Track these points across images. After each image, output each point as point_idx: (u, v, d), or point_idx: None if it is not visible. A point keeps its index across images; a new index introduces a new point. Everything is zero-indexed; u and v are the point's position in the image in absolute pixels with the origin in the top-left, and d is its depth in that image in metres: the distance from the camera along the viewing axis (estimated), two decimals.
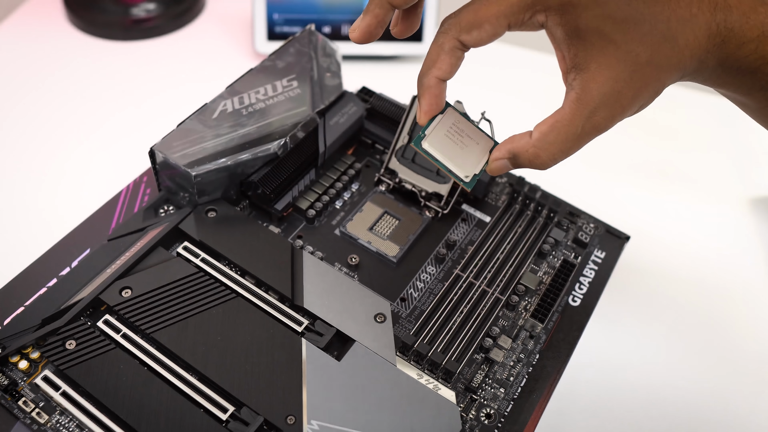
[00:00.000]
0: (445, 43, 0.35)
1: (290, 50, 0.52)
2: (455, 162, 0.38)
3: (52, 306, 0.40)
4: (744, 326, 0.58)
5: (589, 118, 0.35)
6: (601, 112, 0.35)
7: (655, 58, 0.35)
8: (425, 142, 0.38)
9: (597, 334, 0.54)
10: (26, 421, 0.36)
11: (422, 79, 0.37)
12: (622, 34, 0.35)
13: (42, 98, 0.71)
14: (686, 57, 0.36)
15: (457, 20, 0.35)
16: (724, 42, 0.36)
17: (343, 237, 0.47)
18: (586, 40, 0.35)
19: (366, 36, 0.38)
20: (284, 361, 0.39)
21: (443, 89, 0.37)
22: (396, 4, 0.37)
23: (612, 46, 0.35)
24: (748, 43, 0.36)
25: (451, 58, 0.36)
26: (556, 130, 0.35)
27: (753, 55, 0.36)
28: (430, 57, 0.36)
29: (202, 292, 0.41)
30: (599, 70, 0.35)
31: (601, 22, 0.34)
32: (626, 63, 0.35)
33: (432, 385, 0.40)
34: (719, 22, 0.36)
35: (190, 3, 0.80)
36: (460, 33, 0.35)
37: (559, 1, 0.34)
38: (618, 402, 0.53)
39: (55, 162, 0.65)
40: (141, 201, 0.47)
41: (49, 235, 0.46)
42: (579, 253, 0.48)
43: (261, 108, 0.48)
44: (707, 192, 0.67)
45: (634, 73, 0.35)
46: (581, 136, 0.35)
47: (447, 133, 0.39)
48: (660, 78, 0.36)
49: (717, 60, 0.37)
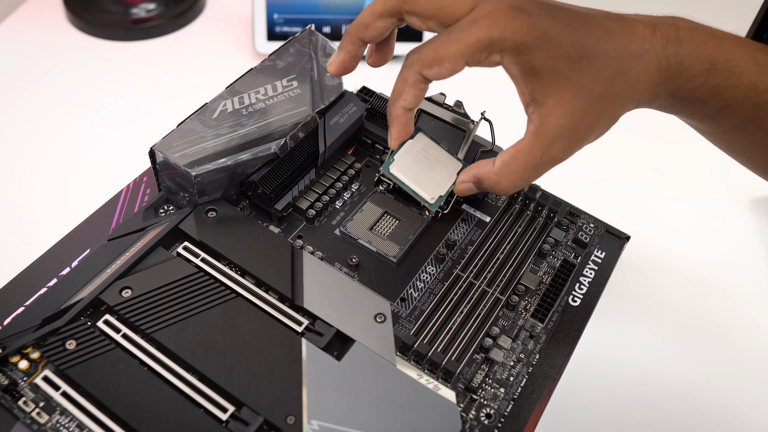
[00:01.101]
0: (409, 77, 0.38)
1: (290, 50, 0.52)
2: (421, 185, 0.41)
3: (52, 306, 0.40)
4: (744, 326, 0.58)
5: (547, 150, 0.37)
6: (558, 144, 0.37)
7: (609, 92, 0.37)
8: (392, 167, 0.41)
9: (597, 334, 0.54)
10: (26, 421, 0.36)
11: (390, 109, 0.40)
12: (576, 71, 0.37)
13: (42, 98, 0.71)
14: (638, 90, 0.38)
15: (419, 56, 0.38)
16: (674, 75, 0.38)
17: (343, 237, 0.47)
18: (542, 78, 0.37)
19: (341, 70, 0.42)
20: (284, 361, 0.39)
21: (410, 117, 0.41)
22: (367, 40, 0.41)
23: (567, 83, 0.37)
24: (698, 76, 0.38)
25: (415, 90, 0.39)
26: (517, 160, 0.38)
27: (702, 87, 0.38)
28: (396, 89, 0.39)
29: (202, 292, 0.41)
30: (556, 105, 0.37)
31: (555, 61, 0.36)
32: (581, 98, 0.37)
33: (432, 385, 0.40)
34: (669, 57, 0.38)
35: (190, 3, 0.80)
36: (422, 68, 0.38)
37: (512, 44, 0.36)
38: (618, 402, 0.53)
39: (55, 162, 0.65)
40: (141, 201, 0.47)
41: (49, 235, 0.46)
42: (579, 253, 0.48)
43: (261, 108, 0.48)
44: (707, 192, 0.67)
45: (589, 106, 0.37)
46: (540, 165, 0.38)
47: (415, 157, 0.42)
48: (614, 110, 0.38)
49: (668, 91, 0.39)
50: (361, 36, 0.40)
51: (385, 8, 0.39)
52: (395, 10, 0.39)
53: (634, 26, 0.38)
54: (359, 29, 0.40)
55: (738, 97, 0.38)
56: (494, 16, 0.36)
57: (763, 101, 0.38)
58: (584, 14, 0.38)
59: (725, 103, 0.39)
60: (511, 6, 0.36)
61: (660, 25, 0.38)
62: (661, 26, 0.38)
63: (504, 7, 0.36)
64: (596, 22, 0.38)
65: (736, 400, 0.53)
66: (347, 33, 0.41)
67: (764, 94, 0.38)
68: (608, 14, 0.39)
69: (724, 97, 0.38)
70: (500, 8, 0.36)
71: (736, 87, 0.38)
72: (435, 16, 0.38)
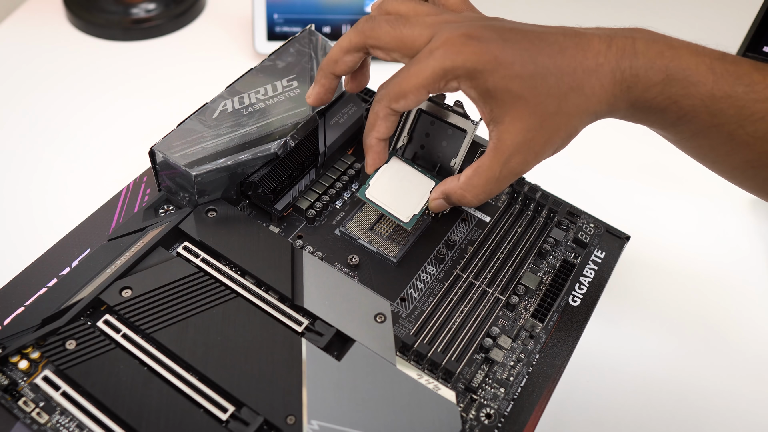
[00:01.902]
0: (379, 111, 0.42)
1: (290, 50, 0.52)
2: (396, 206, 0.44)
3: (52, 306, 0.40)
4: (744, 326, 0.58)
5: (505, 165, 0.40)
6: (515, 158, 0.40)
7: (564, 107, 0.39)
8: (368, 192, 0.45)
9: (597, 334, 0.54)
10: (26, 421, 0.36)
11: (365, 140, 0.45)
12: (530, 90, 0.39)
13: (42, 98, 0.71)
14: (594, 103, 0.40)
15: (387, 92, 0.41)
16: (630, 87, 0.39)
17: (343, 237, 0.47)
18: (498, 98, 0.39)
19: (319, 102, 0.46)
20: (284, 361, 0.39)
21: (384, 146, 0.45)
22: (338, 74, 0.44)
23: (521, 101, 0.39)
24: (654, 86, 0.39)
25: (387, 122, 0.43)
26: (478, 175, 0.41)
27: (660, 96, 0.40)
28: (370, 122, 0.43)
29: (202, 292, 0.41)
30: (512, 123, 0.39)
31: (509, 81, 0.38)
32: (536, 114, 0.39)
33: (432, 385, 0.40)
34: (624, 69, 0.39)
35: (190, 3, 0.80)
36: (390, 103, 0.41)
37: (465, 71, 0.38)
38: (618, 402, 0.53)
39: (55, 162, 0.65)
40: (141, 201, 0.47)
41: (50, 235, 0.46)
42: (579, 253, 0.48)
43: (261, 108, 0.48)
44: (708, 192, 0.67)
45: (544, 122, 0.39)
46: (500, 179, 0.41)
47: (390, 180, 0.45)
48: (570, 124, 0.40)
49: (627, 102, 0.40)
50: (332, 71, 0.44)
51: (350, 44, 0.43)
52: (360, 45, 0.42)
53: (590, 41, 0.39)
54: (330, 64, 0.44)
55: (695, 105, 0.39)
56: (447, 45, 0.39)
57: (721, 108, 0.39)
58: (538, 33, 0.40)
59: (683, 112, 0.40)
60: (462, 34, 0.39)
61: (616, 38, 0.40)
62: (617, 40, 0.40)
63: (455, 36, 0.39)
64: (550, 40, 0.39)
65: (736, 401, 0.53)
66: (320, 68, 0.45)
67: (721, 102, 0.39)
68: (564, 31, 0.40)
69: (681, 106, 0.40)
70: (452, 37, 0.39)
71: (693, 96, 0.39)
72: (397, 48, 0.41)
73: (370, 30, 0.41)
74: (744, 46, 0.61)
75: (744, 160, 0.41)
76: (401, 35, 0.40)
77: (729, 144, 0.40)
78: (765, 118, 0.39)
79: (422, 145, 0.49)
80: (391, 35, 0.41)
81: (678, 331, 0.57)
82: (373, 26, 0.41)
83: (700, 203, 0.67)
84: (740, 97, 0.39)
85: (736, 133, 0.40)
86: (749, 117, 0.39)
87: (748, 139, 0.40)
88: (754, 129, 0.39)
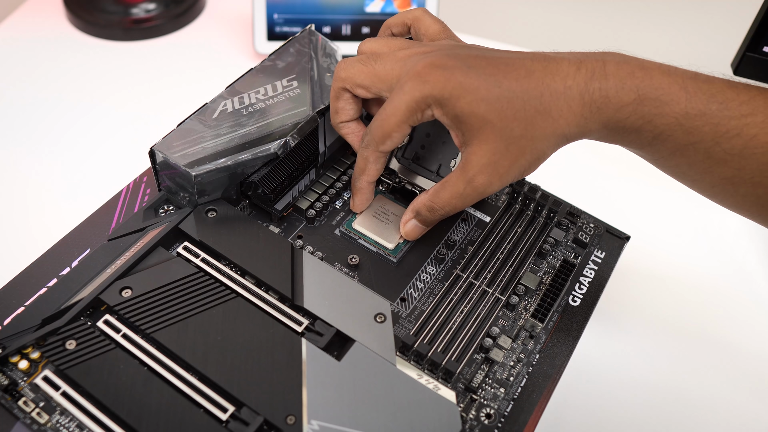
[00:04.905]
0: (369, 156, 0.44)
1: (290, 50, 0.52)
2: (381, 236, 0.46)
3: (52, 306, 0.40)
4: (744, 326, 0.58)
5: (469, 183, 0.42)
6: (479, 178, 0.41)
7: (530, 131, 0.40)
8: (355, 224, 0.47)
9: (597, 334, 0.54)
10: (26, 421, 0.36)
11: (356, 183, 0.47)
12: (496, 113, 0.40)
13: (42, 98, 0.71)
14: (562, 126, 0.40)
15: (372, 137, 0.43)
16: (600, 108, 0.40)
17: (343, 237, 0.47)
18: (466, 123, 0.40)
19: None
20: (284, 361, 0.39)
21: (372, 188, 0.47)
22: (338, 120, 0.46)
23: (488, 125, 0.40)
24: (626, 106, 0.40)
25: (376, 165, 0.45)
26: (445, 189, 0.43)
27: (633, 116, 0.40)
28: (359, 166, 0.46)
29: (202, 292, 0.41)
30: (479, 145, 0.41)
31: (475, 106, 0.40)
32: (502, 138, 0.40)
33: (432, 385, 0.40)
34: (593, 91, 0.40)
35: (190, 3, 0.80)
36: (377, 146, 0.44)
37: (434, 99, 0.40)
38: (618, 402, 0.53)
39: (55, 162, 0.65)
40: (141, 201, 0.47)
41: (50, 235, 0.46)
42: (579, 253, 0.48)
43: (261, 108, 0.48)
44: None
45: (510, 145, 0.40)
46: (464, 195, 0.42)
47: (375, 213, 0.48)
48: (537, 147, 0.41)
49: (599, 123, 0.41)
50: (333, 122, 0.47)
51: (333, 93, 0.45)
52: (342, 88, 0.45)
53: (559, 65, 0.40)
54: (332, 117, 0.46)
55: (670, 123, 0.40)
56: (415, 78, 0.40)
57: (696, 126, 0.40)
58: (505, 59, 0.41)
59: (658, 131, 0.40)
60: (428, 64, 0.40)
61: (586, 61, 0.40)
62: (587, 62, 0.40)
63: (421, 67, 0.40)
64: (517, 65, 0.40)
65: (736, 400, 0.53)
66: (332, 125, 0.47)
67: (696, 119, 0.39)
68: (534, 56, 0.41)
69: (656, 125, 0.40)
70: (419, 68, 0.40)
71: (667, 114, 0.40)
72: (373, 84, 0.43)
73: (344, 72, 0.44)
74: (744, 46, 0.61)
75: (722, 177, 0.41)
76: (374, 71, 0.43)
77: (706, 162, 0.41)
78: (740, 135, 0.39)
79: (422, 145, 0.49)
80: (365, 73, 0.43)
81: (678, 331, 0.57)
82: (346, 67, 0.44)
83: (700, 203, 0.66)
84: (714, 114, 0.39)
85: (713, 151, 0.40)
86: (724, 134, 0.39)
87: (724, 156, 0.40)
88: (730, 146, 0.40)
